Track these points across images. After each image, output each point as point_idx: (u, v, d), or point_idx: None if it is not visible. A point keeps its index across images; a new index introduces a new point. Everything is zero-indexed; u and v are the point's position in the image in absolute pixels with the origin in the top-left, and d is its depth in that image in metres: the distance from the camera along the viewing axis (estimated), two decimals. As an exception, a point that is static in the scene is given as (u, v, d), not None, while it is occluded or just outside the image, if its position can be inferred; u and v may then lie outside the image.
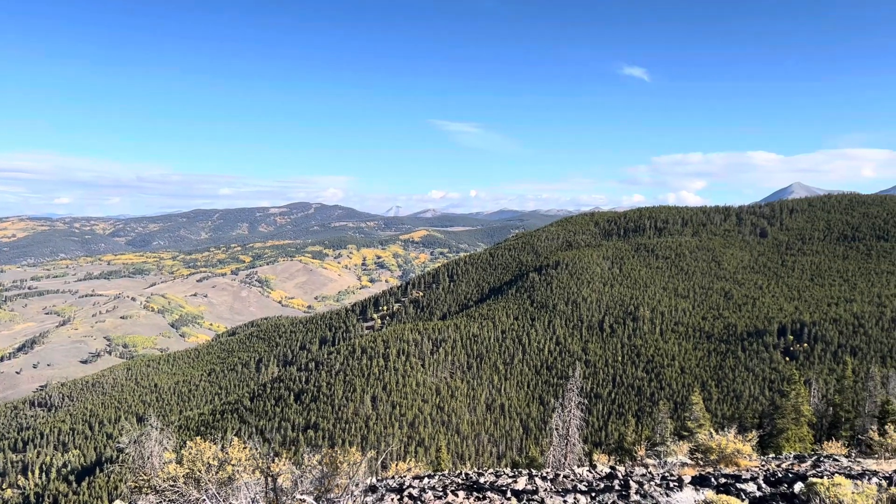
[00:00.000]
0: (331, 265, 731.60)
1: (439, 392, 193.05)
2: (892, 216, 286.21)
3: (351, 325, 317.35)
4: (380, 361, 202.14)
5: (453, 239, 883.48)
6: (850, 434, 59.72)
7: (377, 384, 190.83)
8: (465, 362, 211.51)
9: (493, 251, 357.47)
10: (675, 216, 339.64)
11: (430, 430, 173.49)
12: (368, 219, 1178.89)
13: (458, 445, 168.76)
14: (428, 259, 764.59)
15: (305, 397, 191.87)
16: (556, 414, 45.51)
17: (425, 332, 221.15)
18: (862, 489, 14.00)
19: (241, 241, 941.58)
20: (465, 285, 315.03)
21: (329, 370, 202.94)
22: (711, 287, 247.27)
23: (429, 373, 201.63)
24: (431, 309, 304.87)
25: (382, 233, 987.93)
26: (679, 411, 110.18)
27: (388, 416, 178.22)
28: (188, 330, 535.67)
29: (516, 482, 19.95)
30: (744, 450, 25.53)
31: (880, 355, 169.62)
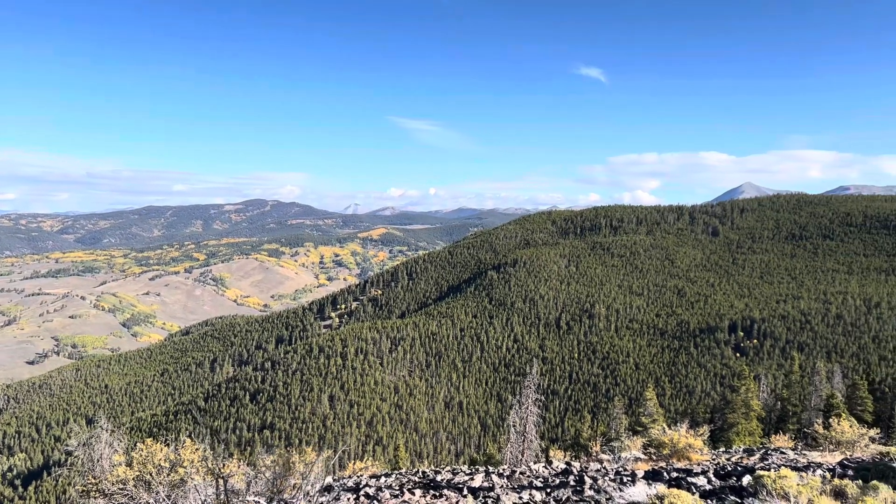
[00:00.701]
0: (288, 263, 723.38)
1: (398, 390, 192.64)
2: (837, 216, 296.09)
3: (308, 323, 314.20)
4: (338, 360, 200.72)
5: (412, 237, 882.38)
6: (797, 427, 61.55)
7: (335, 383, 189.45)
8: (424, 360, 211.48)
9: (452, 249, 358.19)
10: (630, 215, 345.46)
11: (389, 429, 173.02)
12: (326, 216, 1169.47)
13: (416, 444, 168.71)
14: (387, 257, 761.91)
15: (261, 397, 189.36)
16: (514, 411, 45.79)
17: (384, 331, 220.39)
18: (807, 481, 14.45)
19: (195, 238, 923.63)
20: (424, 283, 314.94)
21: (286, 369, 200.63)
22: (665, 285, 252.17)
23: (387, 371, 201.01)
24: (390, 307, 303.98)
25: (341, 231, 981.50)
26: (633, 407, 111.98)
27: (345, 415, 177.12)
28: (140, 329, 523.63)
29: (473, 479, 20.02)
30: (695, 444, 26.11)
31: (826, 351, 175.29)
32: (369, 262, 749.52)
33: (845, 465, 20.06)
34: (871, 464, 19.50)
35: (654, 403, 65.53)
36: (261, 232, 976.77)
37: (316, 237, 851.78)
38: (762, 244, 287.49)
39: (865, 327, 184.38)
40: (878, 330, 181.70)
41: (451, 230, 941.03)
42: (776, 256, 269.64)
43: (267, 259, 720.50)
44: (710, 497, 13.48)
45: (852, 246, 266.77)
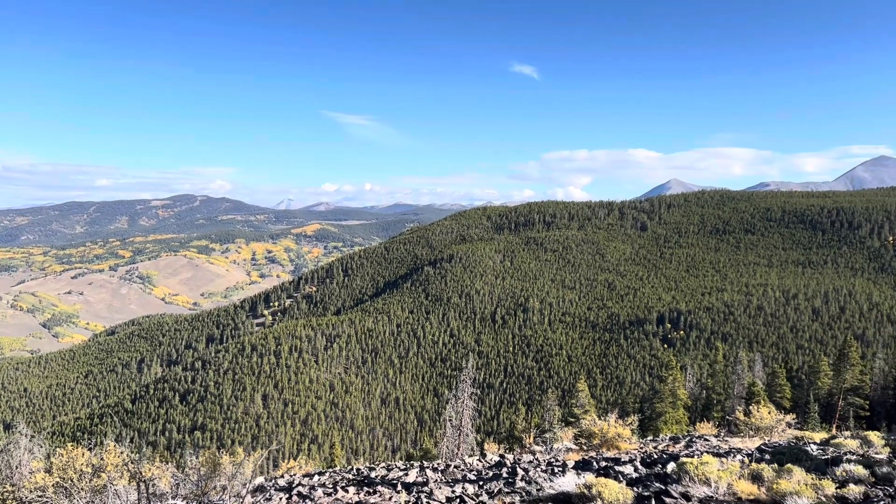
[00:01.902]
0: (218, 260, 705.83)
1: (333, 388, 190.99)
2: (758, 211, 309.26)
3: (240, 322, 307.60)
4: (271, 359, 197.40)
5: (347, 233, 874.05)
6: (721, 415, 64.03)
7: (268, 382, 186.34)
8: (360, 357, 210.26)
9: (389, 245, 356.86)
10: (562, 211, 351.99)
11: (324, 427, 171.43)
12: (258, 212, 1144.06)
13: (352, 441, 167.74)
14: (321, 253, 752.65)
15: (192, 398, 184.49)
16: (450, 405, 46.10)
17: (319, 328, 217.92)
18: (727, 466, 15.06)
19: (120, 235, 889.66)
20: (360, 280, 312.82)
21: (217, 369, 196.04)
22: (596, 279, 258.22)
23: (322, 369, 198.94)
24: (325, 304, 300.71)
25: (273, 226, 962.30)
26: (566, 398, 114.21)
27: (279, 414, 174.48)
28: (62, 330, 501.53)
29: (407, 475, 20.04)
30: (624, 433, 26.83)
31: (748, 341, 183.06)
32: (303, 259, 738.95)
33: (763, 449, 21.01)
34: (786, 448, 20.49)
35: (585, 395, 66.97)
36: (190, 228, 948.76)
37: (248, 233, 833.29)
38: (688, 239, 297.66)
39: (784, 318, 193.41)
40: (796, 320, 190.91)
41: (387, 226, 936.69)
42: (701, 250, 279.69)
43: (196, 256, 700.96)
44: (637, 485, 13.89)
45: (772, 240, 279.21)
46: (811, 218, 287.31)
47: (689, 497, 12.72)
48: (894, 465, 16.63)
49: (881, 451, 20.14)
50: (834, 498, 12.89)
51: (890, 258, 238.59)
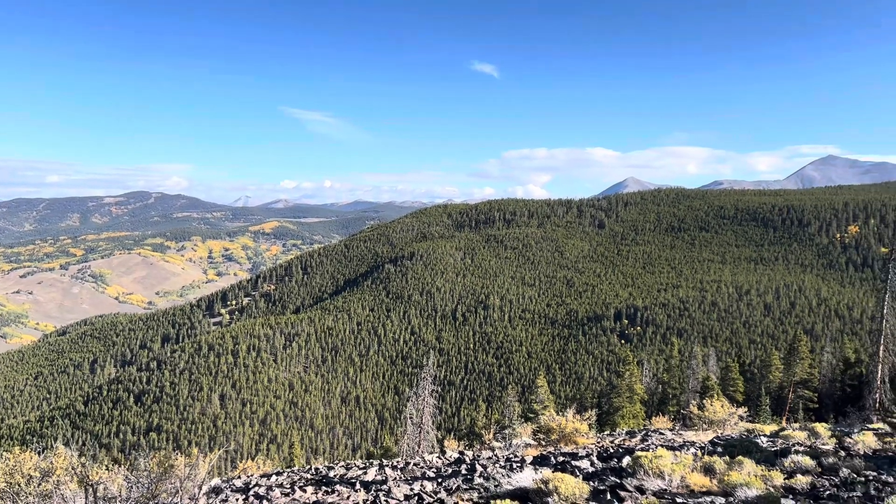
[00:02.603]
0: (174, 258, 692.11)
1: (292, 387, 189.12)
2: (712, 209, 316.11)
3: (197, 321, 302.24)
4: (228, 358, 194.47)
5: (307, 230, 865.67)
6: (676, 409, 65.33)
7: (226, 382, 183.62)
8: (320, 356, 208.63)
9: (349, 243, 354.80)
10: (522, 209, 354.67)
11: (283, 427, 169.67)
12: (215, 209, 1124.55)
13: (312, 440, 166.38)
14: (280, 251, 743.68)
15: (147, 398, 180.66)
16: (411, 403, 46.04)
17: (277, 327, 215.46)
18: (680, 459, 15.37)
19: (71, 233, 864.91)
20: (320, 277, 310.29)
21: (173, 369, 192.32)
22: (555, 276, 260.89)
23: (281, 368, 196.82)
24: (284, 302, 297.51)
25: (231, 224, 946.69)
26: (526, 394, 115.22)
27: (237, 414, 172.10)
28: (10, 331, 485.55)
29: (366, 473, 19.95)
30: (581, 428, 27.14)
31: (702, 336, 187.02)
32: (261, 257, 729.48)
33: (715, 442, 21.49)
34: (738, 440, 21.00)
35: (545, 390, 67.62)
36: (144, 226, 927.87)
37: (204, 231, 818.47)
38: (644, 236, 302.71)
39: (737, 313, 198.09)
40: (749, 315, 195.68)
41: (347, 223, 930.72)
42: (657, 248, 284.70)
43: (151, 254, 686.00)
44: (593, 479, 14.09)
45: (725, 237, 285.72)
46: (763, 216, 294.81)
47: (643, 490, 12.94)
48: (840, 456, 17.18)
49: (828, 442, 20.78)
50: (782, 488, 13.25)
51: (838, 255, 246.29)
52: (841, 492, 12.89)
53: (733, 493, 12.36)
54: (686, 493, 12.91)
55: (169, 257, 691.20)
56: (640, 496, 12.49)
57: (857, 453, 18.01)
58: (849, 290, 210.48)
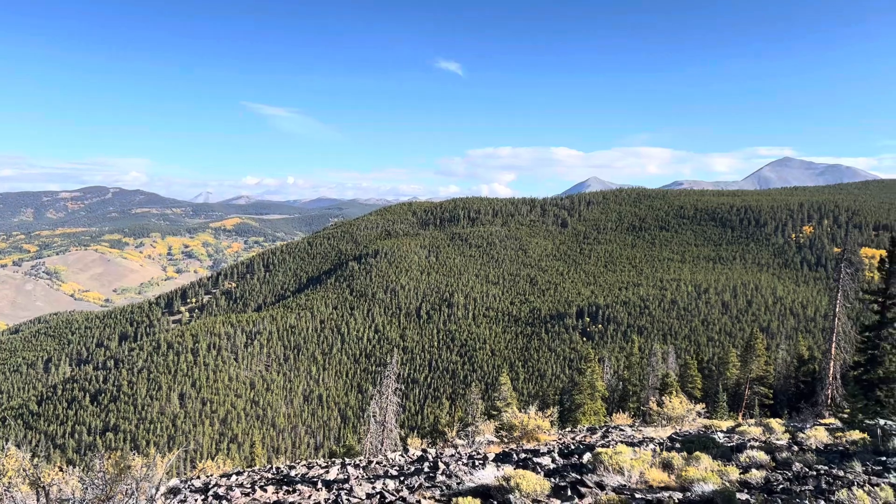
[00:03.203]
0: (132, 255, 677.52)
1: (254, 386, 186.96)
2: (672, 209, 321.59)
3: (155, 318, 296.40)
4: (188, 356, 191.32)
5: (269, 227, 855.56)
6: (636, 405, 66.22)
7: (185, 380, 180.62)
8: (282, 354, 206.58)
9: (312, 240, 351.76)
10: (486, 207, 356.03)
11: (244, 426, 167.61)
12: (175, 205, 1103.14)
13: (273, 439, 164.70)
14: (241, 248, 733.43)
15: (104, 398, 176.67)
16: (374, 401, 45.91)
17: (238, 325, 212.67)
18: (639, 455, 15.59)
19: (25, 228, 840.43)
20: (282, 275, 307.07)
21: (131, 368, 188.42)
22: (519, 274, 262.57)
23: (242, 366, 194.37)
24: (245, 300, 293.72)
25: (191, 220, 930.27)
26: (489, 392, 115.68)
27: (197, 413, 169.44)
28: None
29: (328, 472, 19.82)
30: (543, 425, 27.37)
31: (662, 333, 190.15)
32: (222, 254, 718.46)
33: (674, 438, 21.87)
34: (695, 436, 21.40)
35: (508, 388, 67.90)
36: (101, 221, 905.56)
37: (164, 227, 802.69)
38: (606, 235, 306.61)
39: (696, 311, 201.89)
40: (707, 313, 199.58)
41: (310, 220, 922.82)
42: (619, 246, 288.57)
43: (109, 250, 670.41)
44: (554, 475, 14.21)
45: (685, 236, 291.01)
46: (721, 216, 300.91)
47: (603, 486, 13.10)
48: (793, 451, 17.63)
49: (782, 437, 21.31)
50: (738, 483, 13.54)
51: (793, 254, 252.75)
52: (794, 486, 13.22)
53: (690, 488, 12.59)
54: (645, 489, 13.11)
55: (127, 254, 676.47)
56: (599, 492, 12.64)
57: (809, 448, 18.50)
58: (803, 288, 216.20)
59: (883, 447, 18.37)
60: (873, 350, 35.51)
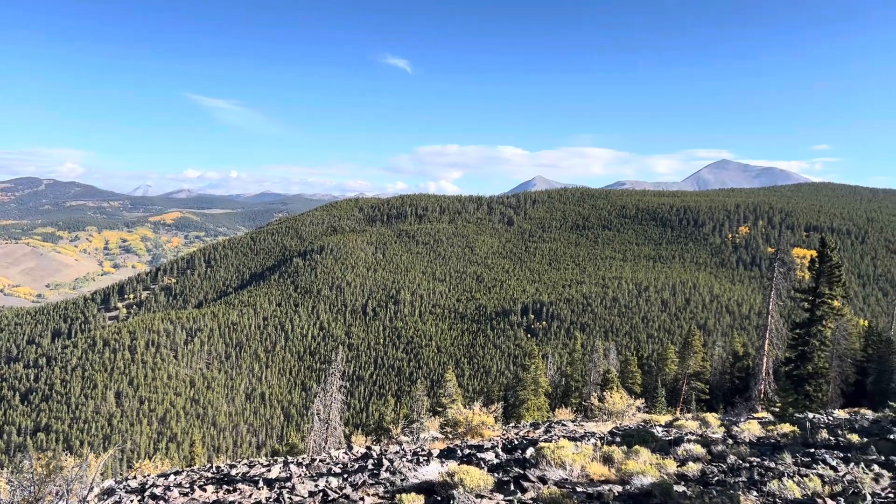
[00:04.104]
0: (66, 249, 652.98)
1: (194, 384, 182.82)
2: (614, 209, 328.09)
3: (91, 315, 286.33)
4: (125, 354, 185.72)
5: (211, 222, 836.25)
6: (578, 401, 67.33)
7: (122, 379, 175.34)
8: (224, 352, 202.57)
9: (255, 235, 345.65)
10: (434, 204, 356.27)
11: (184, 425, 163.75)
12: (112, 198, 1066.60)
13: (214, 438, 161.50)
14: (182, 243, 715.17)
15: (35, 397, 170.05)
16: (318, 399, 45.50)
17: (178, 322, 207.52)
18: (581, 449, 15.85)
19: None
20: (224, 271, 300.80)
21: (64, 366, 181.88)
22: (465, 271, 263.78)
23: (182, 364, 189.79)
24: (186, 296, 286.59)
25: (129, 214, 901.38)
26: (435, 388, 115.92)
27: (134, 412, 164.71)
28: None
29: (270, 471, 19.51)
30: (488, 421, 27.56)
31: (604, 330, 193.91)
32: (162, 249, 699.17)
33: (614, 432, 22.31)
34: (635, 431, 21.87)
35: (453, 384, 68.20)
36: (34, 214, 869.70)
37: (100, 220, 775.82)
38: (551, 233, 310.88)
39: (637, 309, 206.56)
40: (647, 311, 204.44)
41: (253, 215, 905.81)
42: (563, 245, 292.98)
43: (41, 244, 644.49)
44: (497, 470, 14.31)
45: (627, 236, 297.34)
46: (662, 216, 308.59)
47: (545, 480, 13.25)
48: (728, 444, 18.20)
49: (717, 430, 21.97)
50: (675, 475, 13.89)
51: (729, 254, 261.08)
52: (728, 477, 13.65)
53: (630, 481, 12.85)
54: (586, 482, 13.32)
55: (61, 248, 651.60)
56: (542, 486, 12.79)
57: (743, 441, 19.13)
58: (739, 287, 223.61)
59: (811, 439, 19.14)
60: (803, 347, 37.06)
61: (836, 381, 53.78)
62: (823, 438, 19.08)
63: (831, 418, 25.33)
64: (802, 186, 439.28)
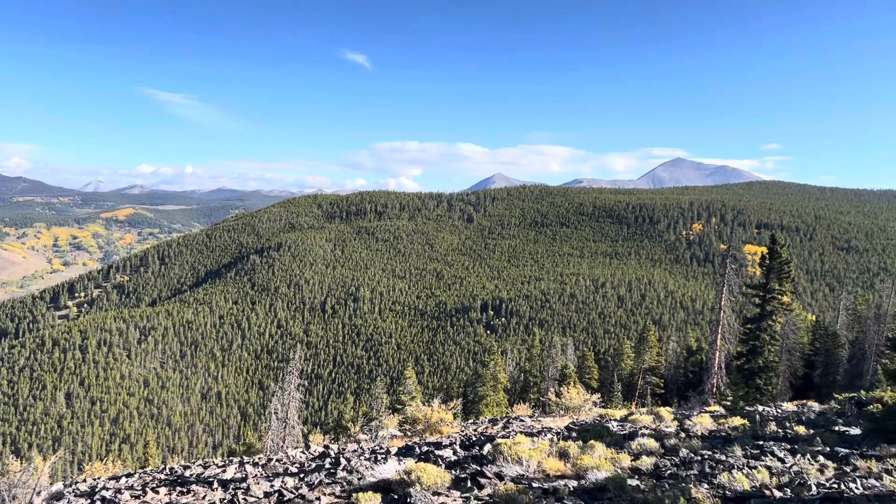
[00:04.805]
0: (13, 246, 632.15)
1: (148, 384, 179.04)
2: (572, 206, 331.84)
3: (40, 314, 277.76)
4: (76, 354, 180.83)
5: (165, 218, 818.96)
6: (537, 396, 67.96)
7: (73, 379, 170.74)
8: (179, 351, 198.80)
9: (211, 232, 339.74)
10: (393, 201, 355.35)
11: (138, 425, 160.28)
12: (62, 194, 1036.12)
13: (169, 439, 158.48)
14: (135, 240, 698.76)
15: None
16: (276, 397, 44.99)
17: (131, 320, 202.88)
18: (537, 445, 16.00)
19: None
20: (179, 268, 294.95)
21: (11, 367, 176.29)
22: (425, 268, 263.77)
23: (136, 364, 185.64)
24: (139, 294, 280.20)
25: (80, 210, 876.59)
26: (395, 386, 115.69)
27: (86, 413, 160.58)
28: None
29: (225, 471, 19.24)
30: (447, 418, 27.60)
31: (562, 326, 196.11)
32: (114, 246, 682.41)
33: (571, 428, 22.58)
34: (591, 425, 22.18)
35: (413, 381, 68.13)
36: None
37: (49, 217, 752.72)
38: (510, 230, 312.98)
39: (594, 305, 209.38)
40: (604, 307, 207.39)
41: (209, 212, 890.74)
42: (522, 242, 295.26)
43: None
44: (455, 467, 14.36)
45: (584, 233, 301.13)
46: (618, 213, 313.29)
47: (502, 476, 13.34)
48: (681, 438, 18.58)
49: (671, 424, 22.42)
50: (629, 469, 14.13)
51: (683, 250, 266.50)
52: (680, 470, 13.94)
53: (585, 475, 13.02)
54: (542, 478, 13.45)
55: (8, 245, 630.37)
56: (498, 482, 12.87)
57: (695, 434, 19.56)
58: (692, 283, 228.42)
59: (761, 432, 19.68)
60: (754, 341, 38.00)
61: (785, 375, 55.37)
62: (772, 431, 19.63)
63: (780, 411, 26.07)
64: (754, 185, 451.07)
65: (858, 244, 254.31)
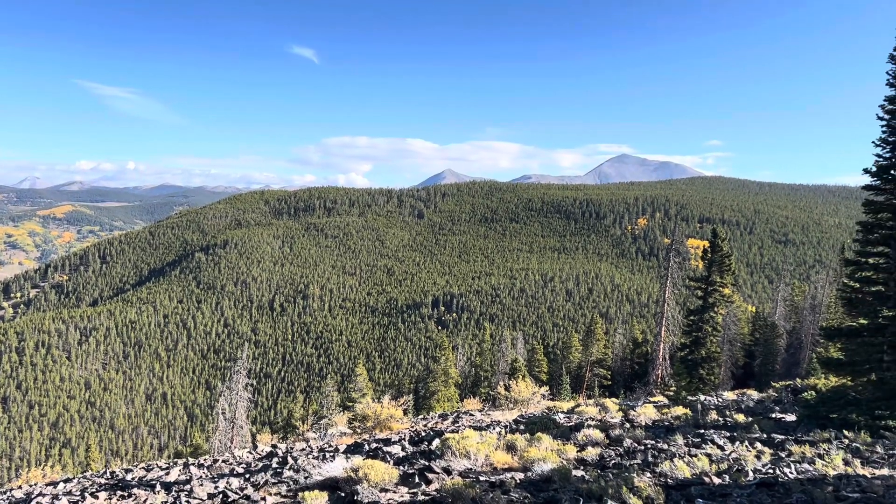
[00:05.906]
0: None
1: (89, 386, 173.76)
2: (521, 202, 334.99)
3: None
4: (12, 356, 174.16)
5: (106, 216, 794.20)
6: (487, 390, 68.47)
7: (9, 383, 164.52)
8: (121, 351, 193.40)
9: (154, 229, 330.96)
10: (343, 197, 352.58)
11: (79, 429, 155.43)
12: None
13: (112, 442, 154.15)
14: (74, 238, 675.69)
15: None
16: (223, 397, 44.43)
17: (71, 321, 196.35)
18: (485, 439, 16.12)
19: None
20: (121, 267, 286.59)
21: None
22: (376, 264, 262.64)
23: (76, 365, 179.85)
24: (79, 294, 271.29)
25: (14, 207, 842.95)
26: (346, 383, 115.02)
27: (23, 417, 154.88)
28: None
29: (169, 474, 18.84)
30: (397, 414, 27.59)
31: (512, 320, 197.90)
32: (52, 244, 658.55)
33: (519, 421, 22.84)
34: (538, 418, 22.46)
35: (363, 378, 67.74)
36: None
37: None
38: (460, 226, 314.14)
39: (543, 299, 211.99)
40: (553, 301, 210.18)
41: (152, 208, 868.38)
42: (472, 237, 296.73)
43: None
44: (403, 463, 14.36)
45: (533, 228, 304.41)
46: (566, 208, 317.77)
47: (450, 471, 13.41)
48: (625, 428, 19.00)
49: (616, 415, 22.88)
50: (574, 461, 14.39)
51: (629, 245, 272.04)
52: (624, 460, 14.26)
53: (531, 468, 13.19)
54: (489, 471, 13.57)
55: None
56: (446, 477, 12.93)
57: (639, 425, 20.02)
58: (638, 276, 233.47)
59: (702, 420, 20.28)
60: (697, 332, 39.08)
61: (726, 365, 57.19)
62: (713, 419, 20.25)
63: (720, 400, 26.89)
64: (696, 180, 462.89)
65: (795, 237, 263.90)
